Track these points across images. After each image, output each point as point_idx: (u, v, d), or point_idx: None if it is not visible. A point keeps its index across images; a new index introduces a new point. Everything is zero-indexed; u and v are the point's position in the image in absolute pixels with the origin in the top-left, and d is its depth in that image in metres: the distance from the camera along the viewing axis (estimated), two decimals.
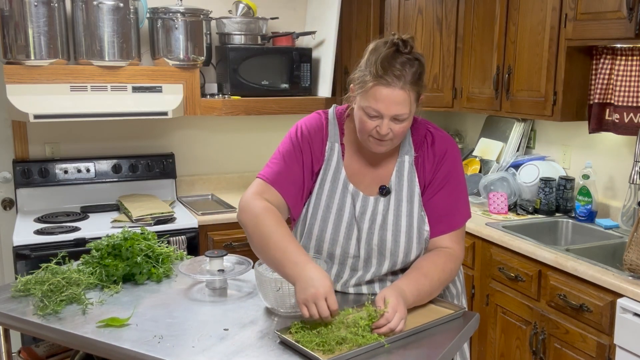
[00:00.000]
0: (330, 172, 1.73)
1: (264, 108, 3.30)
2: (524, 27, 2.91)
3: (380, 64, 1.55)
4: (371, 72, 1.56)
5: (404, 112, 1.57)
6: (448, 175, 1.72)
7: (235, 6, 3.39)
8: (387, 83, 1.54)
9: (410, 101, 1.58)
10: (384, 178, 1.73)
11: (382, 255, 1.71)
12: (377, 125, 1.59)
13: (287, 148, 1.75)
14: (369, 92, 1.57)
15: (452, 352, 1.50)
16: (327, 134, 1.74)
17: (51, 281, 1.69)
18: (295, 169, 1.72)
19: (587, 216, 2.86)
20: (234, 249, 3.04)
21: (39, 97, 2.85)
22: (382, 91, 1.55)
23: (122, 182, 3.32)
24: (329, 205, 1.71)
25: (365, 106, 1.59)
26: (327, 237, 1.71)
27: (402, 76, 1.55)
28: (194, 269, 1.86)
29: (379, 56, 1.56)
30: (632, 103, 2.66)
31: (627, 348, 2.09)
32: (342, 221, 1.70)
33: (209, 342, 1.46)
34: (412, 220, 1.70)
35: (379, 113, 1.57)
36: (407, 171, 1.72)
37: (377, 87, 1.55)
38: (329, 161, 1.73)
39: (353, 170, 1.73)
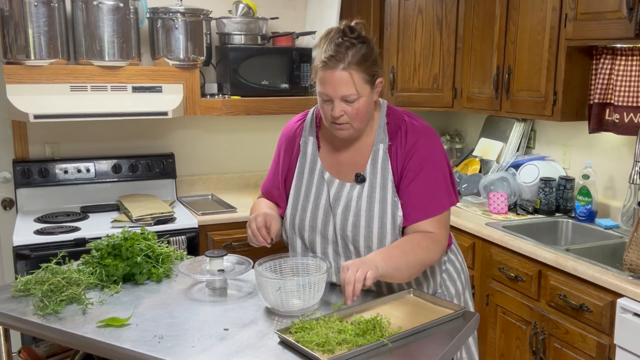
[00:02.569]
0: (307, 163, 1.84)
1: (264, 108, 3.30)
2: (524, 27, 2.91)
3: (324, 50, 1.65)
4: (319, 59, 1.67)
5: (349, 92, 1.65)
6: (422, 163, 1.74)
7: (235, 6, 3.39)
8: (329, 66, 1.63)
9: (355, 82, 1.65)
10: (359, 166, 1.79)
11: (356, 241, 1.77)
12: (332, 108, 1.68)
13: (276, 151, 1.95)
14: (318, 77, 1.68)
15: (452, 352, 1.50)
16: (301, 130, 1.87)
17: (51, 281, 1.69)
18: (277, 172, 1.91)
19: (587, 216, 2.86)
20: (234, 249, 3.04)
21: (39, 97, 2.85)
22: (326, 74, 1.65)
23: (122, 182, 3.32)
24: (307, 195, 1.82)
25: (319, 92, 1.69)
26: (307, 225, 1.81)
27: (343, 58, 1.63)
28: (194, 269, 1.86)
29: (326, 42, 1.67)
30: (632, 103, 2.66)
31: (627, 348, 2.09)
32: (319, 208, 1.80)
33: (209, 342, 1.46)
34: (386, 206, 1.74)
35: (328, 96, 1.67)
36: (381, 159, 1.76)
37: (322, 71, 1.65)
38: (304, 154, 1.85)
39: (330, 160, 1.83)
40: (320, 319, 1.52)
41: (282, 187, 1.89)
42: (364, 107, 1.69)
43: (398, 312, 1.63)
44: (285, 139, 1.91)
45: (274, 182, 1.92)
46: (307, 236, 1.83)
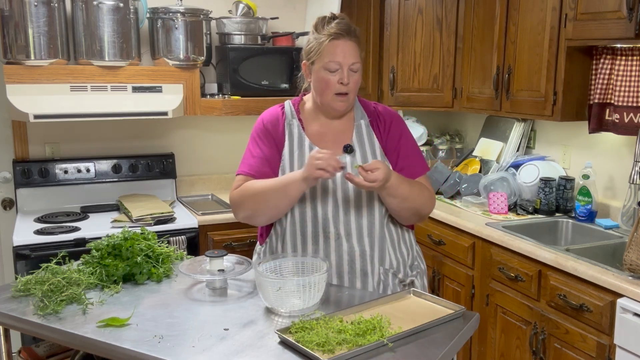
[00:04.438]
0: (295, 142, 1.94)
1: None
2: (524, 27, 2.91)
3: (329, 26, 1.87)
4: (324, 35, 1.86)
5: (356, 60, 1.87)
6: (401, 132, 2.00)
7: (235, 6, 3.39)
8: (340, 36, 1.85)
9: (359, 53, 1.89)
10: (344, 140, 1.95)
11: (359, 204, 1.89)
12: (339, 78, 1.85)
13: (253, 140, 1.99)
14: (326, 50, 1.85)
15: (452, 352, 1.50)
16: (284, 116, 1.99)
17: (51, 281, 1.69)
18: (265, 152, 1.95)
19: (587, 216, 2.86)
20: (234, 249, 3.04)
21: (39, 97, 2.85)
22: (338, 44, 1.85)
23: (122, 182, 3.32)
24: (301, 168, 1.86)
25: (326, 62, 1.85)
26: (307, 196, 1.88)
27: (350, 32, 1.87)
28: (194, 269, 1.86)
29: (325, 23, 1.89)
30: (632, 103, 2.66)
31: (627, 348, 2.09)
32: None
33: (209, 342, 1.46)
34: None
35: (339, 64, 1.85)
36: (365, 131, 1.97)
37: (333, 42, 1.85)
38: (291, 135, 1.95)
39: (316, 138, 1.96)
40: (320, 319, 1.52)
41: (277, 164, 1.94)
42: (359, 80, 1.92)
43: (398, 312, 1.63)
44: (268, 123, 1.98)
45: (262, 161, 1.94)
46: (309, 204, 1.89)
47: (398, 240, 1.98)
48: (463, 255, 2.95)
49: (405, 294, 1.77)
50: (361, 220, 1.90)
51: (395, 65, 3.50)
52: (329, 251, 1.89)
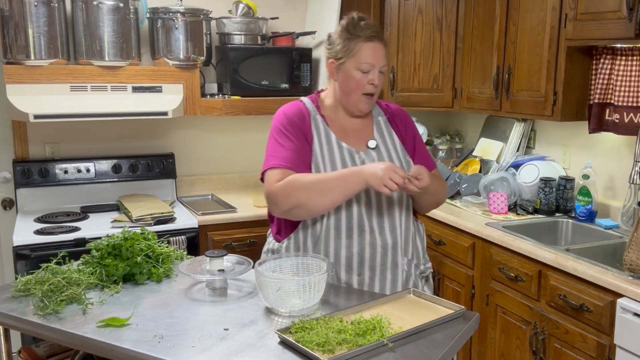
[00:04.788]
0: (323, 137, 1.97)
1: (264, 108, 3.30)
2: (524, 27, 2.91)
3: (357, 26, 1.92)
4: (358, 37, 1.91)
5: (385, 63, 1.96)
6: (414, 131, 2.12)
7: (235, 6, 3.39)
8: (374, 38, 1.92)
9: (387, 55, 1.98)
10: (366, 135, 2.02)
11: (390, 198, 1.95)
12: (370, 78, 1.93)
13: (281, 133, 1.97)
14: (361, 51, 1.90)
15: (452, 352, 1.50)
16: (308, 111, 2.01)
17: (51, 281, 1.69)
18: (297, 145, 1.94)
19: (587, 216, 2.86)
20: (234, 249, 3.04)
21: (39, 97, 2.85)
22: (372, 46, 1.91)
23: (122, 182, 3.32)
24: (333, 163, 1.93)
25: (360, 63, 1.91)
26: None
27: (379, 33, 1.95)
28: (194, 269, 1.86)
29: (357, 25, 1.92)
30: (632, 103, 2.66)
31: (627, 348, 2.09)
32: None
33: (209, 342, 1.46)
34: (402, 164, 2.01)
35: (372, 66, 1.92)
36: (385, 128, 2.06)
37: (368, 44, 1.91)
38: (317, 130, 1.98)
39: (338, 133, 2.00)
40: (320, 319, 1.52)
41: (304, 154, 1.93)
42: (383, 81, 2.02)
43: (398, 312, 1.63)
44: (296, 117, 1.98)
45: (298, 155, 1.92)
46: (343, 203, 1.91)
47: (414, 232, 2.05)
48: (463, 255, 2.95)
49: (405, 294, 1.77)
50: (393, 213, 1.96)
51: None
52: (364, 245, 1.92)
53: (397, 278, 1.95)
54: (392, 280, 1.95)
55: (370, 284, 1.93)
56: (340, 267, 1.91)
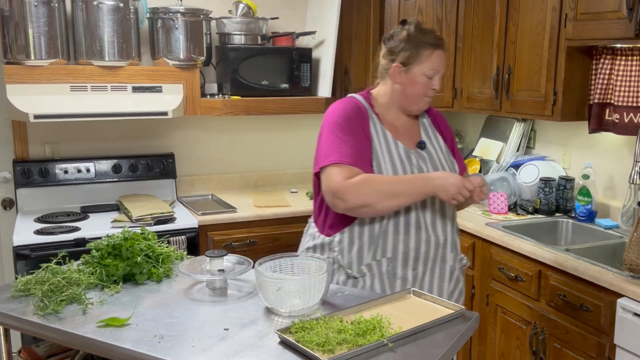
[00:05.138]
0: (380, 135, 2.02)
1: (264, 108, 3.30)
2: (524, 27, 2.91)
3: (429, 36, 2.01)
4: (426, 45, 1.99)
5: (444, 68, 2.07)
6: (451, 134, 2.21)
7: (235, 6, 3.39)
8: (441, 46, 2.02)
9: None
10: (414, 135, 2.10)
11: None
12: (433, 83, 2.03)
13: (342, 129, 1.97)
14: (429, 59, 2.00)
15: (452, 352, 1.50)
16: (365, 108, 2.05)
17: (51, 281, 1.69)
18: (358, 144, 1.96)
19: (587, 216, 2.86)
20: (234, 249, 3.04)
21: (39, 97, 2.85)
22: (440, 54, 2.02)
23: (122, 182, 3.32)
24: (392, 161, 1.98)
25: (428, 69, 2.00)
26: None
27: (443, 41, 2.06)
28: (194, 269, 1.86)
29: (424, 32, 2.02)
30: (632, 103, 2.66)
31: (627, 348, 2.09)
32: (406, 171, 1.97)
33: (209, 342, 1.46)
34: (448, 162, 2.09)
35: (437, 71, 2.02)
36: (430, 129, 2.14)
37: (436, 51, 2.00)
38: (375, 128, 2.02)
39: (393, 132, 2.05)
40: (320, 319, 1.52)
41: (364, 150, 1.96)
42: None
43: (398, 312, 1.63)
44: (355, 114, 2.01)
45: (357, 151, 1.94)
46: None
47: (457, 227, 2.14)
48: None
49: (405, 294, 1.77)
50: (444, 210, 2.03)
51: None
52: (420, 241, 1.99)
53: (444, 273, 2.05)
54: (440, 275, 2.04)
55: (422, 278, 2.02)
56: (397, 262, 1.98)
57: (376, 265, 1.96)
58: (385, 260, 1.96)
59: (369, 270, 1.96)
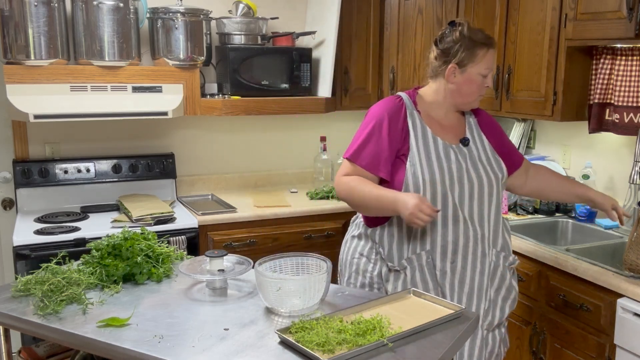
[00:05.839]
0: (419, 132, 2.07)
1: (264, 108, 3.30)
2: (524, 27, 2.91)
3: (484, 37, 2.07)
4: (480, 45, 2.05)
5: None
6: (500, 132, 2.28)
7: (235, 6, 3.39)
8: (493, 45, 2.08)
9: None
10: (460, 132, 2.15)
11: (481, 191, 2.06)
12: (487, 82, 2.09)
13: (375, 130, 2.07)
14: (484, 57, 2.06)
15: (452, 352, 1.50)
16: (405, 107, 2.11)
17: (51, 281, 1.69)
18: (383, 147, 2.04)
19: (587, 216, 2.86)
20: (234, 249, 3.04)
21: (39, 97, 2.85)
22: (493, 53, 2.09)
23: (122, 182, 3.32)
24: (428, 157, 2.03)
25: (483, 68, 2.06)
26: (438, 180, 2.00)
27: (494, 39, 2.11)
28: (194, 269, 1.86)
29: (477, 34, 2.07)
30: (632, 103, 2.66)
31: (627, 348, 2.09)
32: (443, 166, 2.03)
33: (209, 342, 1.46)
34: (491, 161, 2.13)
35: (490, 70, 2.09)
36: (475, 128, 2.19)
37: (490, 50, 2.07)
38: (414, 125, 2.08)
39: (435, 129, 2.11)
40: (320, 319, 1.52)
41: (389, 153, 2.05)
42: None
43: (398, 312, 1.63)
44: (389, 114, 2.08)
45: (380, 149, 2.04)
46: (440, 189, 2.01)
47: (504, 225, 2.17)
48: None
49: (405, 294, 1.77)
50: (483, 206, 2.07)
51: (395, 65, 3.50)
52: (458, 234, 2.02)
53: (484, 268, 2.07)
54: (481, 271, 2.06)
55: (462, 272, 2.04)
56: (436, 255, 2.02)
57: (416, 259, 2.02)
58: (424, 254, 2.02)
59: (409, 264, 2.02)
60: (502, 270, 2.12)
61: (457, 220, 2.03)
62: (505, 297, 2.12)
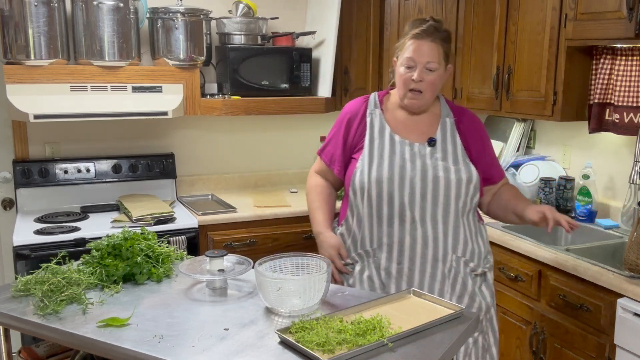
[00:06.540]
0: (376, 130, 2.07)
1: (264, 108, 3.30)
2: (524, 27, 2.91)
3: (414, 25, 2.01)
4: (406, 35, 2.01)
5: (432, 60, 1.98)
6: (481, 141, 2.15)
7: (235, 6, 3.39)
8: (419, 37, 1.98)
9: (440, 55, 2.00)
10: (428, 132, 2.08)
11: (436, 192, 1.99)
12: (412, 74, 1.99)
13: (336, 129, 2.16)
14: (406, 48, 2.00)
15: (452, 352, 1.50)
16: (366, 106, 2.12)
17: (51, 281, 1.69)
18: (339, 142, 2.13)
19: (587, 216, 2.86)
20: (234, 249, 3.04)
21: (39, 97, 2.85)
22: (417, 43, 1.99)
23: (122, 182, 3.32)
24: (381, 155, 2.03)
25: (403, 59, 2.01)
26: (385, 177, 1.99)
27: (432, 34, 1.99)
28: (194, 269, 1.86)
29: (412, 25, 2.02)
30: (632, 103, 2.66)
31: (627, 348, 2.09)
32: (394, 164, 2.00)
33: (209, 342, 1.46)
34: (459, 164, 2.03)
35: (414, 62, 1.99)
36: (450, 129, 2.09)
37: (412, 40, 1.99)
38: (371, 124, 2.08)
39: (398, 127, 2.08)
40: (320, 319, 1.52)
41: (342, 150, 2.13)
42: (438, 80, 2.03)
43: (398, 312, 1.63)
44: (349, 114, 2.15)
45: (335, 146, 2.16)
46: (386, 187, 1.99)
47: (476, 232, 2.09)
48: None
49: (405, 294, 1.77)
50: (437, 207, 2.00)
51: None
52: (404, 234, 1.99)
53: (436, 273, 2.00)
54: (432, 275, 2.00)
55: (409, 274, 2.00)
56: (381, 254, 2.00)
57: (365, 255, 2.04)
58: (370, 251, 2.02)
59: (360, 259, 2.04)
60: (463, 277, 2.03)
61: (404, 220, 1.99)
62: (468, 305, 2.03)
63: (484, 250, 2.11)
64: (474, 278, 2.06)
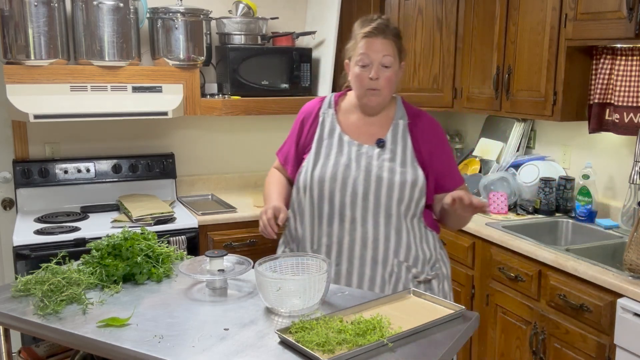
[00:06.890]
0: (326, 130, 2.07)
1: (264, 108, 3.30)
2: (524, 27, 2.91)
3: (363, 24, 1.97)
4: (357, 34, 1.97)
5: (388, 54, 1.95)
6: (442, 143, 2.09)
7: (235, 6, 3.39)
8: (372, 34, 1.95)
9: (394, 50, 1.97)
10: (379, 134, 2.04)
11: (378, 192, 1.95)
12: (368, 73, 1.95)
13: (292, 129, 2.19)
14: (358, 47, 1.96)
15: (452, 352, 1.50)
16: (320, 106, 2.12)
17: (51, 281, 1.69)
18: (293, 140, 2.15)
19: (587, 216, 2.86)
20: (234, 249, 3.04)
21: (39, 97, 2.85)
22: (370, 41, 1.95)
23: (122, 182, 3.32)
24: (327, 154, 2.02)
25: (357, 59, 1.96)
26: (327, 176, 1.98)
27: (385, 31, 1.96)
28: (194, 269, 1.86)
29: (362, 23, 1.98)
30: (632, 103, 2.66)
31: (627, 348, 2.09)
32: (339, 163, 1.98)
33: (209, 342, 1.46)
34: (406, 166, 1.98)
35: (369, 59, 1.94)
36: (401, 131, 2.04)
37: (365, 39, 1.95)
38: (323, 123, 2.08)
39: (349, 128, 2.06)
40: (320, 319, 1.52)
41: (295, 150, 2.13)
42: (394, 77, 1.99)
43: (398, 312, 1.63)
44: (304, 114, 2.16)
45: (290, 146, 2.17)
46: (328, 186, 1.97)
47: (421, 237, 2.02)
48: (463, 255, 2.95)
49: (405, 294, 1.77)
50: (379, 209, 1.95)
51: None
52: (343, 234, 1.95)
53: (376, 276, 1.94)
54: (371, 278, 1.94)
55: (347, 277, 1.95)
56: (320, 254, 1.95)
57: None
58: (311, 252, 1.98)
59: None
60: (405, 282, 1.97)
61: (343, 220, 1.95)
62: None
63: (431, 258, 2.03)
64: (417, 285, 1.98)
